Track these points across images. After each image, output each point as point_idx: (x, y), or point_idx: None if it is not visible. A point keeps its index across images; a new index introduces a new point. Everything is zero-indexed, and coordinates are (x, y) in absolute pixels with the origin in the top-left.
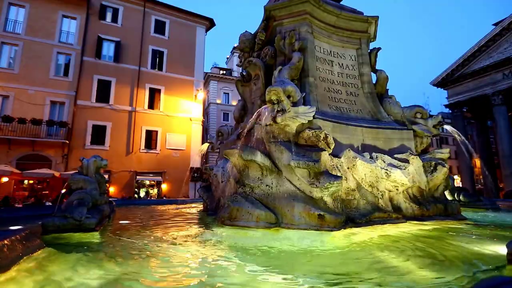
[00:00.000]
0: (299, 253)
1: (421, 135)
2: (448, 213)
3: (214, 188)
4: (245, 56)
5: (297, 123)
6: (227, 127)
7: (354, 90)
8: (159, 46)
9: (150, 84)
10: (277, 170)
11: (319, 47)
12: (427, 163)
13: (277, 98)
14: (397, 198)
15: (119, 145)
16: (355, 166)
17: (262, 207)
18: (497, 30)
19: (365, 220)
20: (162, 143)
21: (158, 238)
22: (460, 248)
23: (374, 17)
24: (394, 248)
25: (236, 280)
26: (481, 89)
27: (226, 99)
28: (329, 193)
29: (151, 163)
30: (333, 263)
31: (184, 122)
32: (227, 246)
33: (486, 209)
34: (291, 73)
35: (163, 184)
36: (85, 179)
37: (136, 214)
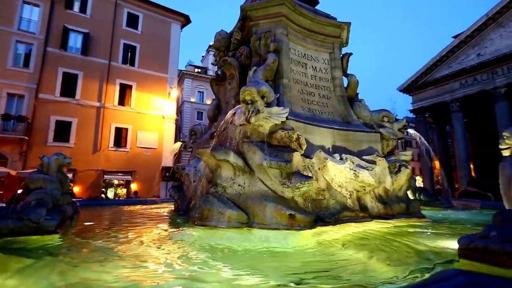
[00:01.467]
0: (270, 252)
1: (387, 138)
2: (410, 212)
3: (186, 188)
4: (220, 55)
5: (271, 123)
6: (201, 126)
7: (326, 93)
8: (131, 41)
9: (121, 80)
10: (249, 170)
11: (293, 50)
12: (392, 164)
13: (251, 98)
14: (364, 198)
15: (85, 143)
16: (325, 167)
17: (234, 207)
18: (455, 42)
19: (334, 220)
20: (133, 141)
21: (126, 239)
22: (419, 244)
23: (347, 23)
24: (360, 246)
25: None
26: (441, 96)
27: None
28: (300, 193)
29: (120, 162)
30: (302, 262)
31: (157, 120)
32: (198, 246)
33: (443, 207)
34: (266, 74)
35: (133, 184)
36: (45, 178)
37: (102, 215)
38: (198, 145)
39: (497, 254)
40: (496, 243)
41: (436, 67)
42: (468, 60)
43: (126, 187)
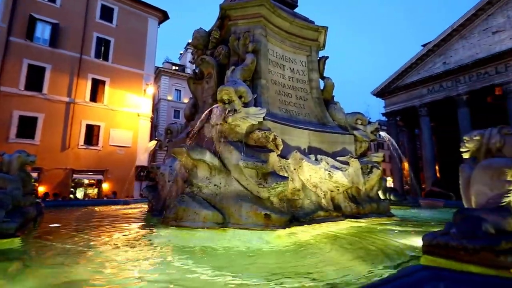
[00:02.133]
0: (245, 252)
1: (360, 139)
2: (380, 211)
3: (161, 188)
4: (198, 54)
5: (248, 123)
6: (177, 124)
7: (303, 95)
8: (105, 34)
9: (94, 75)
10: (225, 170)
11: (272, 51)
12: (365, 165)
13: (229, 98)
14: (338, 198)
15: (53, 140)
16: (301, 167)
17: (209, 207)
18: (424, 51)
19: (308, 219)
20: (105, 139)
21: (95, 242)
22: (388, 241)
23: (324, 27)
24: (333, 245)
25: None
26: (411, 101)
27: (178, 96)
28: (276, 193)
29: (91, 161)
30: (278, 261)
31: (131, 118)
32: (172, 247)
33: (410, 206)
34: (244, 74)
35: (105, 184)
36: (4, 178)
37: (70, 216)
38: (174, 144)
39: (456, 250)
40: (455, 240)
41: (406, 73)
42: (435, 68)
43: (98, 187)
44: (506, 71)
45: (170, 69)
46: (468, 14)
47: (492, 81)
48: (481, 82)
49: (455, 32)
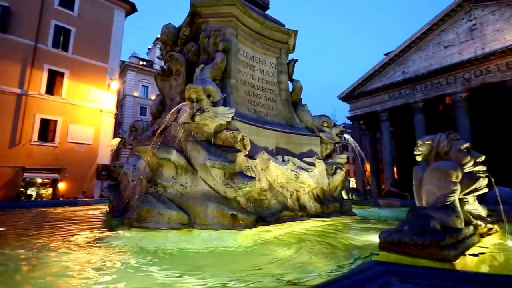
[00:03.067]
0: (211, 253)
1: (326, 141)
2: (343, 210)
3: (123, 188)
4: (167, 50)
5: (216, 123)
6: (143, 122)
7: (272, 96)
8: (65, 23)
9: (51, 66)
10: (192, 170)
11: (242, 51)
12: (330, 166)
13: (197, 96)
14: (303, 198)
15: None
16: (268, 167)
17: (174, 208)
18: (386, 60)
19: (275, 219)
20: (63, 135)
21: (46, 246)
22: (349, 239)
23: (294, 30)
24: (298, 244)
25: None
26: (373, 106)
27: (145, 92)
28: (243, 193)
29: (46, 158)
30: (243, 261)
31: (93, 113)
32: (134, 250)
33: (371, 206)
34: (213, 73)
35: (61, 183)
36: None
37: (19, 219)
38: (138, 142)
39: (408, 245)
40: (407, 236)
41: (370, 79)
42: (396, 76)
43: (53, 186)
44: (455, 82)
45: (137, 64)
46: (424, 28)
47: (444, 91)
48: (435, 91)
49: (413, 44)
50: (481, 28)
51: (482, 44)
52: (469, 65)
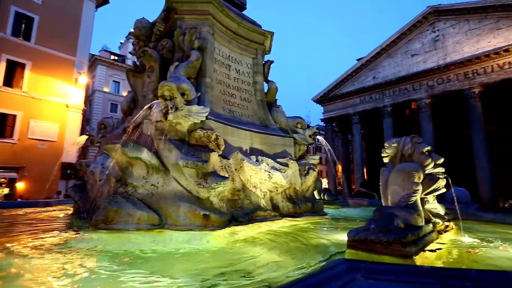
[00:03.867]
0: (181, 254)
1: (300, 142)
2: (315, 210)
3: (90, 188)
4: (140, 45)
5: (190, 122)
6: (113, 119)
7: (247, 96)
8: (27, 10)
9: (9, 55)
10: (164, 169)
11: (218, 50)
12: (302, 167)
13: (171, 94)
14: (276, 198)
15: None
16: (242, 168)
17: (145, 208)
18: (358, 65)
19: (247, 219)
20: (23, 131)
21: (2, 251)
22: (320, 238)
23: (270, 32)
24: (270, 243)
25: None
26: (346, 109)
27: (116, 88)
28: (216, 193)
29: (3, 155)
30: (214, 262)
31: (59, 109)
32: (100, 252)
33: (341, 206)
34: (188, 71)
35: (20, 183)
36: None
37: None
38: (107, 140)
39: (373, 243)
40: (373, 234)
41: (343, 83)
42: (367, 80)
43: (10, 186)
44: (420, 89)
45: (108, 59)
46: (393, 36)
47: (410, 97)
48: (402, 96)
49: (383, 50)
50: (443, 39)
51: (444, 54)
52: (432, 73)
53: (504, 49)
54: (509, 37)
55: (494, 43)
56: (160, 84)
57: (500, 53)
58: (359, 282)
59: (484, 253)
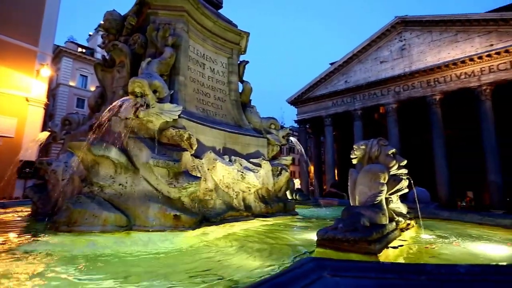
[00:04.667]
0: (149, 256)
1: (273, 143)
2: (287, 210)
3: (51, 188)
4: (110, 38)
5: (161, 120)
6: (78, 115)
7: (221, 96)
8: None
9: None
10: (133, 168)
11: (193, 48)
12: (275, 168)
13: (142, 91)
14: (249, 198)
15: None
16: (215, 167)
17: (112, 209)
18: (331, 68)
19: (219, 219)
20: None
21: None
22: (291, 238)
23: (246, 32)
24: (241, 243)
25: None
26: (319, 111)
27: (84, 83)
28: (187, 193)
29: None
30: (183, 263)
31: (17, 102)
32: (60, 257)
33: (313, 205)
34: (161, 67)
35: None
36: None
37: None
38: (72, 137)
39: (341, 242)
40: (341, 233)
41: (317, 86)
42: (339, 84)
43: None
44: (388, 94)
45: (75, 51)
46: (364, 43)
47: (379, 101)
48: (371, 101)
49: (355, 56)
50: (409, 48)
51: (410, 62)
52: (399, 80)
53: (461, 61)
54: (465, 49)
55: (453, 54)
56: (131, 80)
57: (457, 64)
58: (325, 280)
59: (440, 248)
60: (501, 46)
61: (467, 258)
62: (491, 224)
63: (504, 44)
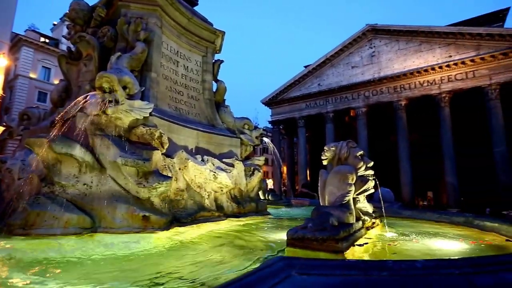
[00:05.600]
0: (114, 259)
1: (246, 143)
2: (259, 210)
3: (5, 188)
4: (76, 29)
5: (131, 118)
6: (39, 110)
7: (195, 94)
8: None
9: None
10: (100, 167)
11: (166, 44)
12: (248, 168)
13: (110, 86)
14: (221, 198)
15: None
16: (186, 167)
17: (75, 210)
18: (305, 71)
19: (190, 220)
20: None
21: None
22: (262, 237)
23: (222, 31)
24: (212, 244)
25: None
26: (293, 113)
27: (46, 75)
28: (158, 193)
29: None
30: (152, 265)
31: None
32: (14, 263)
33: (284, 205)
34: (132, 63)
35: None
36: None
37: None
38: (31, 132)
39: (310, 241)
40: (310, 232)
41: (291, 88)
42: (313, 87)
43: None
44: (358, 98)
45: (37, 40)
46: (337, 48)
47: (349, 105)
48: (343, 104)
49: (328, 60)
50: (378, 55)
51: (379, 69)
52: (369, 85)
53: (424, 69)
54: (428, 59)
55: (417, 63)
56: (99, 74)
57: (421, 72)
58: (294, 278)
59: (401, 245)
60: (458, 57)
61: (426, 254)
62: (447, 222)
63: (461, 56)
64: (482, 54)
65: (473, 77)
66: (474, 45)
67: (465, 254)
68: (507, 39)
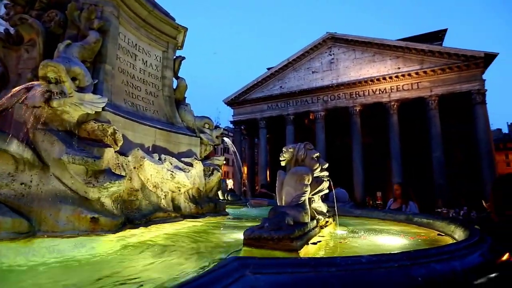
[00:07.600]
0: (54, 266)
1: (206, 143)
2: (217, 211)
3: None
4: (17, 10)
5: (81, 112)
6: None
7: (154, 91)
8: None
9: None
10: (42, 165)
11: (124, 36)
12: (207, 167)
13: (57, 77)
14: (178, 199)
15: None
16: (142, 166)
17: (8, 212)
18: (268, 73)
19: (145, 221)
20: None
21: None
22: (219, 238)
23: (184, 27)
24: (165, 246)
25: None
26: (254, 114)
27: None
28: (109, 193)
29: None
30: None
31: None
32: None
33: (243, 206)
34: (84, 53)
35: None
36: None
37: None
38: None
39: (267, 240)
40: (267, 232)
41: (254, 89)
42: (275, 89)
43: None
44: (317, 102)
45: None
46: (298, 53)
47: (309, 108)
48: (303, 107)
49: (290, 64)
50: (336, 62)
51: (337, 75)
52: (327, 90)
53: (376, 78)
54: (380, 69)
55: (371, 72)
56: (44, 62)
57: (374, 81)
58: (247, 278)
59: (351, 242)
60: (406, 69)
61: (372, 249)
62: (391, 219)
63: (408, 69)
64: (425, 68)
65: (417, 88)
66: (419, 60)
67: (404, 248)
68: (444, 56)
